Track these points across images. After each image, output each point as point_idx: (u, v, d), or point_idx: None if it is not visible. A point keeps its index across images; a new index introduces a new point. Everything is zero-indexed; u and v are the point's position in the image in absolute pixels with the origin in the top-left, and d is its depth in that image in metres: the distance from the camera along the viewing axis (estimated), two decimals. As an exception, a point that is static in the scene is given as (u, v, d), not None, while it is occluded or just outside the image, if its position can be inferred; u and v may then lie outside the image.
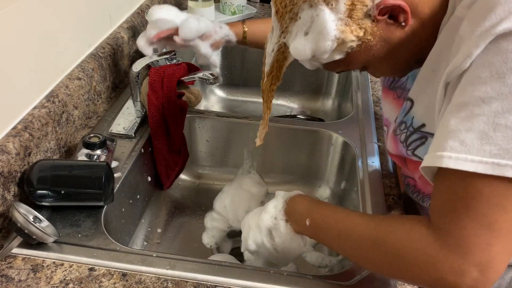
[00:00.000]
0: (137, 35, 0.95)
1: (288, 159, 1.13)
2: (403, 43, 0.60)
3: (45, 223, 0.71)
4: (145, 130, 1.00)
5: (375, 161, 0.96)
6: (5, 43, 0.74)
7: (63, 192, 0.74)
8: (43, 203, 0.75)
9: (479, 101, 0.48)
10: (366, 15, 0.57)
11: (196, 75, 0.99)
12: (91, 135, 0.86)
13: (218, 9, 1.55)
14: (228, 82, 1.51)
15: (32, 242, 0.69)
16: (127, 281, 0.67)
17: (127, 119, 1.01)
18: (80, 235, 0.73)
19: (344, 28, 0.57)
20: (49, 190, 0.74)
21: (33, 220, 0.68)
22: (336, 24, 0.57)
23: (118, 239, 0.75)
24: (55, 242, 0.72)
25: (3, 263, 0.68)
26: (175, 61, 1.05)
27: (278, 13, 0.62)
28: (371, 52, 0.61)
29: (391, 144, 0.75)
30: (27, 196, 0.75)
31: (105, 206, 0.79)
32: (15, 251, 0.70)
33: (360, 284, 0.69)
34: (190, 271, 0.69)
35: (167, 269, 0.69)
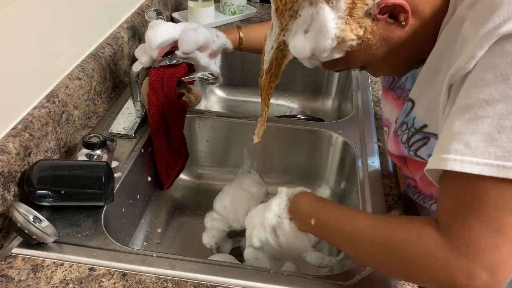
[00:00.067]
0: (137, 35, 0.95)
1: (288, 159, 1.13)
2: (403, 43, 0.60)
3: (45, 223, 0.71)
4: (145, 130, 1.00)
5: (375, 161, 0.96)
6: (5, 43, 0.74)
7: (63, 192, 0.74)
8: (43, 203, 0.75)
9: (484, 103, 0.48)
10: (366, 14, 0.57)
11: (196, 75, 0.99)
12: (91, 135, 0.86)
13: (218, 9, 1.55)
14: (228, 82, 1.51)
15: (32, 242, 0.69)
16: (127, 281, 0.67)
17: (127, 119, 1.01)
18: (80, 235, 0.73)
19: (344, 26, 0.57)
20: (49, 190, 0.74)
21: (33, 220, 0.68)
22: (336, 22, 0.57)
23: (118, 239, 0.75)
24: (55, 242, 0.72)
25: (3, 263, 0.68)
26: (175, 61, 1.05)
27: (277, 11, 0.62)
28: (371, 51, 0.61)
29: (392, 144, 0.75)
30: (27, 196, 0.75)
31: (105, 206, 0.79)
32: (15, 251, 0.70)
33: (360, 284, 0.69)
34: (190, 271, 0.69)
35: (167, 269, 0.69)
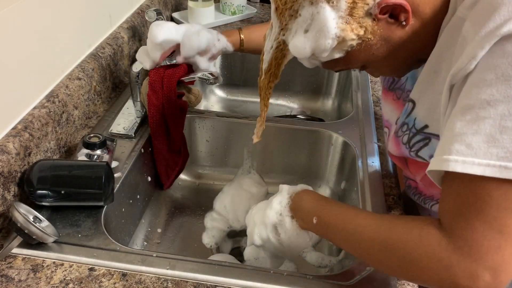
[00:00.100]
0: (137, 35, 0.95)
1: (288, 159, 1.13)
2: (403, 43, 0.60)
3: (45, 223, 0.71)
4: (145, 130, 1.00)
5: (375, 161, 0.96)
6: (5, 43, 0.74)
7: (63, 192, 0.74)
8: (43, 203, 0.75)
9: (485, 104, 0.48)
10: (367, 14, 0.57)
11: (196, 75, 0.99)
12: (91, 135, 0.86)
13: (218, 9, 1.55)
14: (228, 82, 1.51)
15: (32, 242, 0.69)
16: (127, 281, 0.67)
17: (127, 119, 1.01)
18: (80, 235, 0.73)
19: (344, 26, 0.57)
20: (49, 190, 0.74)
21: (33, 220, 0.68)
22: (336, 22, 0.57)
23: (118, 239, 0.75)
24: (55, 242, 0.72)
25: (3, 263, 0.68)
26: (174, 61, 1.05)
27: (277, 10, 0.62)
28: (371, 51, 0.61)
29: (392, 145, 0.75)
30: (27, 196, 0.75)
31: (105, 206, 0.79)
32: (15, 251, 0.70)
33: (360, 284, 0.69)
34: (190, 271, 0.69)
35: (167, 269, 0.69)
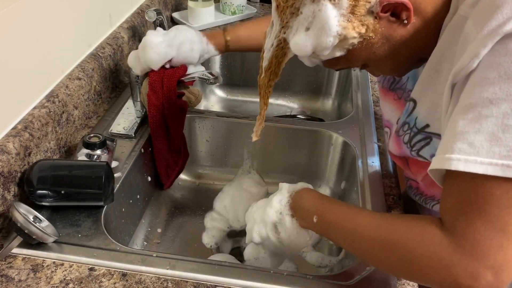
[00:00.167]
0: (137, 35, 0.95)
1: (288, 159, 1.13)
2: (404, 42, 0.60)
3: (45, 223, 0.71)
4: (145, 130, 1.00)
5: (375, 161, 0.96)
6: (5, 43, 0.74)
7: (63, 192, 0.74)
8: (43, 203, 0.75)
9: (487, 102, 0.48)
10: (368, 12, 0.57)
11: (196, 75, 0.99)
12: (91, 135, 0.86)
13: (218, 9, 1.55)
14: (228, 82, 1.51)
15: (32, 242, 0.69)
16: (127, 281, 0.67)
17: (127, 119, 1.01)
18: (80, 235, 0.73)
19: (346, 24, 0.57)
20: (49, 190, 0.74)
21: (33, 220, 0.68)
22: (338, 20, 0.57)
23: (118, 239, 0.75)
24: (55, 242, 0.72)
25: (3, 263, 0.68)
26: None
27: (279, 8, 0.61)
28: (372, 49, 0.60)
29: (393, 145, 0.74)
30: (27, 196, 0.75)
31: (105, 206, 0.79)
32: (15, 251, 0.70)
33: (360, 284, 0.69)
34: (190, 271, 0.69)
35: (167, 269, 0.69)
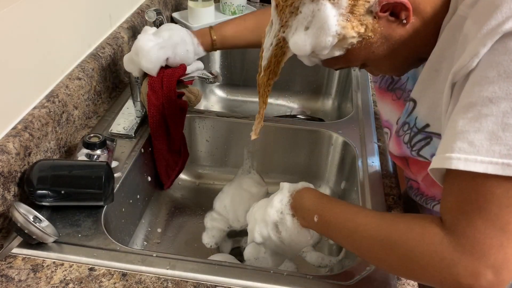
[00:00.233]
0: (137, 35, 0.95)
1: (288, 159, 1.13)
2: (403, 41, 0.60)
3: (45, 223, 0.71)
4: (145, 130, 1.00)
5: (375, 161, 0.96)
6: (5, 43, 0.74)
7: (63, 192, 0.74)
8: (43, 203, 0.75)
9: (487, 101, 0.48)
10: (367, 11, 0.57)
11: (195, 74, 0.99)
12: (91, 135, 0.86)
13: (218, 9, 1.55)
14: (228, 82, 1.51)
15: (32, 242, 0.69)
16: (127, 281, 0.67)
17: (127, 119, 1.01)
18: (80, 235, 0.73)
19: (345, 23, 0.57)
20: (49, 190, 0.74)
21: (33, 220, 0.68)
22: (337, 19, 0.57)
23: (118, 239, 0.75)
24: (55, 242, 0.72)
25: (3, 263, 0.68)
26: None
27: (278, 7, 0.61)
28: (371, 49, 0.61)
29: (393, 145, 0.74)
30: (27, 196, 0.75)
31: (105, 206, 0.79)
32: (15, 251, 0.70)
33: (360, 284, 0.69)
34: (190, 271, 0.69)
35: (167, 269, 0.69)
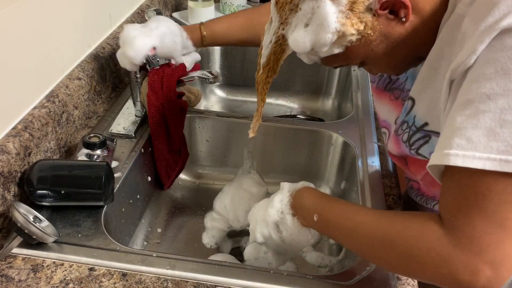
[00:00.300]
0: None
1: (288, 159, 1.13)
2: (402, 39, 0.60)
3: (45, 223, 0.71)
4: (145, 130, 1.00)
5: (375, 161, 0.96)
6: (5, 43, 0.74)
7: (63, 192, 0.74)
8: (43, 203, 0.75)
9: (485, 98, 0.48)
10: (367, 9, 0.57)
11: (195, 74, 0.99)
12: (91, 135, 0.86)
13: (218, 9, 1.55)
14: (228, 82, 1.51)
15: (32, 242, 0.69)
16: (127, 281, 0.67)
17: (127, 119, 1.01)
18: (80, 235, 0.73)
19: (345, 21, 0.57)
20: (49, 190, 0.74)
21: (33, 220, 0.68)
22: (337, 16, 0.57)
23: (118, 239, 0.75)
24: (55, 242, 0.72)
25: (3, 263, 0.68)
26: (173, 60, 1.05)
27: (277, 4, 0.62)
28: (370, 47, 0.61)
29: (392, 145, 0.74)
30: (27, 196, 0.75)
31: (105, 206, 0.79)
32: (15, 251, 0.70)
33: (360, 284, 0.69)
34: (190, 271, 0.69)
35: (167, 269, 0.69)
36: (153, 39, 0.93)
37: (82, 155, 0.83)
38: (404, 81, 0.76)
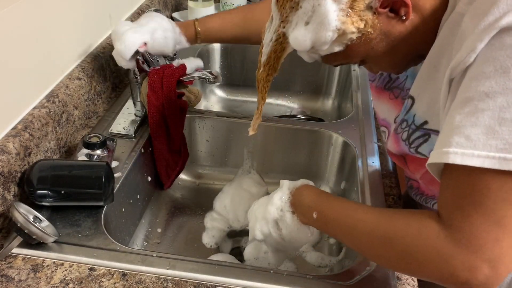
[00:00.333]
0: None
1: (288, 159, 1.13)
2: (403, 38, 0.60)
3: (45, 223, 0.71)
4: (145, 130, 1.00)
5: (375, 161, 0.96)
6: (5, 43, 0.74)
7: (63, 192, 0.74)
8: (43, 203, 0.75)
9: (484, 96, 0.48)
10: (367, 7, 0.57)
11: (195, 74, 0.99)
12: (91, 135, 0.86)
13: (218, 9, 1.55)
14: (228, 82, 1.51)
15: (32, 242, 0.69)
16: (127, 281, 0.67)
17: (127, 119, 1.01)
18: (80, 235, 0.73)
19: (345, 19, 0.57)
20: (49, 190, 0.74)
21: (33, 220, 0.68)
22: (337, 14, 0.57)
23: (118, 239, 0.75)
24: (55, 242, 0.72)
25: (3, 263, 0.68)
26: (175, 61, 1.05)
27: (278, 2, 0.62)
28: (371, 45, 0.61)
29: (392, 143, 0.75)
30: (27, 196, 0.75)
31: (105, 206, 0.79)
32: (15, 251, 0.70)
33: (360, 284, 0.69)
34: (190, 271, 0.69)
35: (167, 269, 0.69)
36: (143, 34, 0.92)
37: (82, 155, 0.83)
38: (403, 79, 0.76)
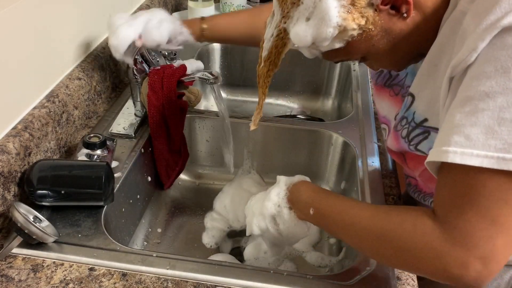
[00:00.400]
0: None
1: (288, 159, 1.13)
2: (403, 35, 0.60)
3: (45, 223, 0.71)
4: (145, 130, 1.00)
5: (375, 161, 0.96)
6: (5, 43, 0.74)
7: (63, 192, 0.74)
8: (43, 203, 0.75)
9: (484, 96, 0.48)
10: (369, 4, 0.57)
11: (195, 75, 0.99)
12: (91, 135, 0.86)
13: (218, 9, 1.55)
14: (228, 82, 1.51)
15: (32, 242, 0.69)
16: (127, 281, 0.67)
17: (127, 119, 1.01)
18: (80, 235, 0.74)
19: (346, 15, 0.57)
20: (49, 190, 0.74)
21: (33, 220, 0.68)
22: (338, 10, 0.57)
23: (118, 239, 0.75)
24: (55, 242, 0.72)
25: (3, 263, 0.68)
26: (176, 62, 1.05)
27: None
28: (371, 42, 0.61)
29: (392, 140, 0.75)
30: (27, 196, 0.75)
31: (105, 206, 0.79)
32: (15, 251, 0.70)
33: (360, 284, 0.69)
34: (190, 271, 0.69)
35: (167, 269, 0.69)
36: (137, 27, 0.92)
37: (82, 155, 0.83)
38: (404, 77, 0.76)
